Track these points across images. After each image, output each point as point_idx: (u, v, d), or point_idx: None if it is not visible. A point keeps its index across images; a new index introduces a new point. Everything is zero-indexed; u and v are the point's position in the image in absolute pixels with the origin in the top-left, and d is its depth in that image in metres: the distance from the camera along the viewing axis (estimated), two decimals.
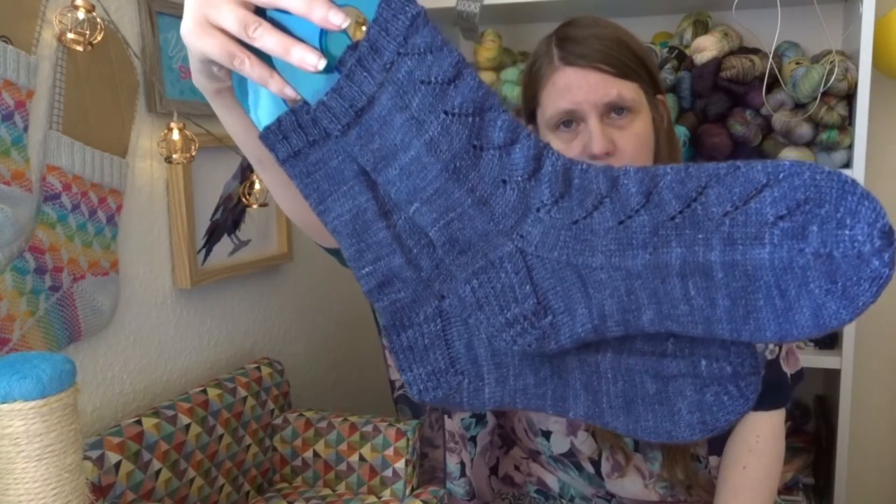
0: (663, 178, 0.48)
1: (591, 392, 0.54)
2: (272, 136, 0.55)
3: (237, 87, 0.58)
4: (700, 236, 0.46)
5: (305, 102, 0.54)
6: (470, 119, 0.50)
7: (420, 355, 0.56)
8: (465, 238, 0.52)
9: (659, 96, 1.00)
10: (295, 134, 0.54)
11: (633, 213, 0.48)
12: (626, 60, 0.94)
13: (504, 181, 0.50)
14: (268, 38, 0.53)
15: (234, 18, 0.53)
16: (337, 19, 0.51)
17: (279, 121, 0.54)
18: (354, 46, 0.51)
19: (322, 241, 0.78)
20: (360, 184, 0.54)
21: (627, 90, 0.93)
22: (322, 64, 0.51)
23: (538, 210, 0.50)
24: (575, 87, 0.93)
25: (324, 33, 0.53)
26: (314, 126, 0.54)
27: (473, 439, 1.06)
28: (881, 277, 0.42)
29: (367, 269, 0.55)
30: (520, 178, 0.50)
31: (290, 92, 0.54)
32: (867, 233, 0.42)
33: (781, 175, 0.44)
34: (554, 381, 0.55)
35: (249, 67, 0.54)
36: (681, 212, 0.47)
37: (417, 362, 0.57)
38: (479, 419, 1.07)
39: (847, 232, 0.42)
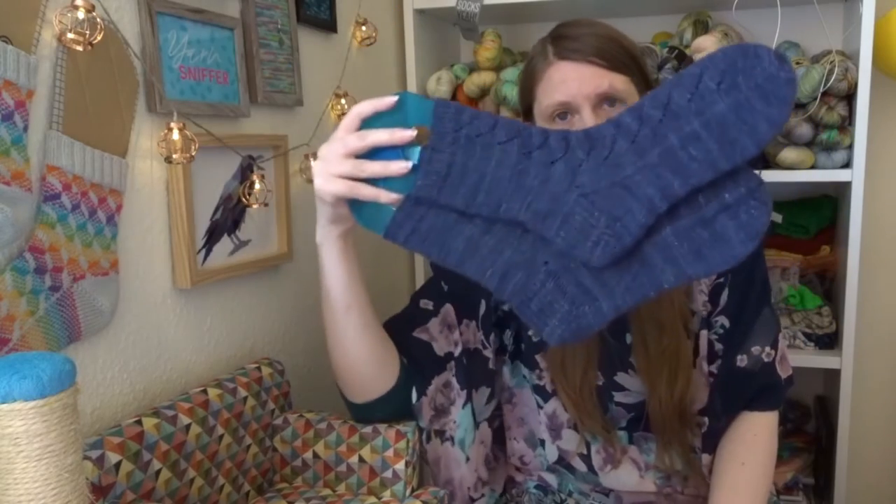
0: (644, 103, 0.71)
1: (670, 261, 0.72)
2: (393, 231, 0.79)
3: (358, 217, 0.83)
4: (681, 121, 0.68)
5: (406, 197, 0.78)
6: (515, 140, 0.75)
7: (548, 311, 0.76)
8: (544, 208, 0.74)
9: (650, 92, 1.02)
10: (406, 221, 0.79)
11: (637, 132, 0.70)
12: (618, 55, 0.98)
13: (552, 162, 0.74)
14: (372, 168, 0.80)
15: (348, 166, 0.80)
16: (409, 133, 0.79)
17: (393, 219, 0.79)
18: (426, 147, 0.77)
19: (351, 397, 1.01)
20: (460, 222, 0.77)
21: (619, 82, 0.97)
22: (409, 164, 0.78)
23: (580, 165, 0.73)
24: (569, 80, 0.96)
25: (404, 153, 0.79)
26: (416, 209, 0.78)
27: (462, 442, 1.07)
28: (791, 79, 0.65)
29: (489, 272, 0.77)
30: (560, 155, 0.73)
31: (393, 196, 0.79)
32: (770, 60, 0.65)
33: (707, 62, 0.68)
34: (644, 270, 0.73)
35: (366, 191, 0.80)
36: (663, 115, 0.69)
37: (549, 316, 0.76)
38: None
39: (759, 67, 0.65)
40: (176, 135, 0.96)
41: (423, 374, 1.03)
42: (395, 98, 0.80)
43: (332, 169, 0.81)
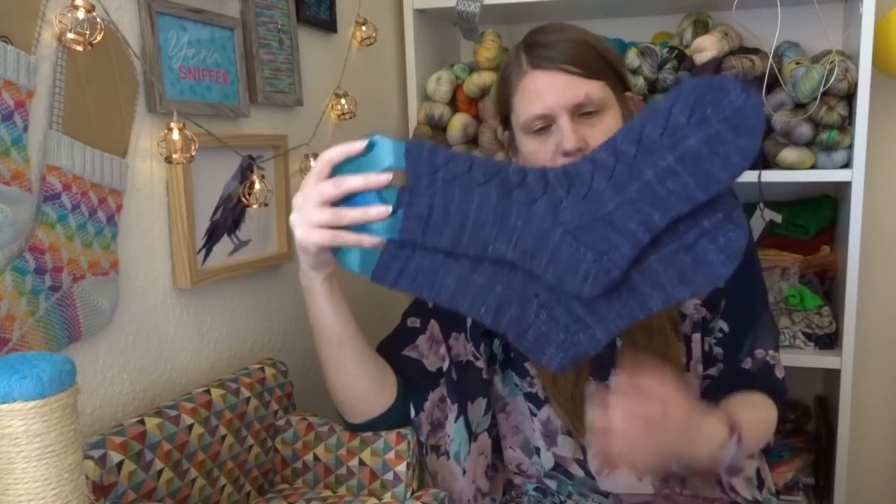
0: (618, 139, 0.73)
1: (657, 287, 0.74)
2: (380, 273, 0.79)
3: (342, 262, 0.84)
4: (655, 155, 0.70)
5: (390, 240, 0.78)
6: (493, 180, 0.75)
7: (544, 340, 0.77)
8: (530, 246, 0.74)
9: (627, 93, 1.03)
10: (393, 262, 0.79)
11: (612, 169, 0.72)
12: (592, 60, 0.98)
13: (533, 200, 0.74)
14: (351, 215, 0.79)
15: (327, 215, 0.80)
16: (384, 177, 0.78)
17: (379, 262, 0.79)
18: (403, 189, 0.77)
19: (351, 419, 1.01)
20: (448, 262, 0.77)
21: (594, 89, 0.97)
22: (389, 209, 0.78)
23: (561, 203, 0.74)
24: (544, 91, 0.96)
25: (380, 195, 0.79)
26: (401, 251, 0.78)
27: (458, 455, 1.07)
28: (758, 106, 0.68)
29: (483, 308, 0.78)
30: (540, 194, 0.74)
31: (376, 240, 0.79)
32: (736, 92, 0.68)
33: (675, 97, 0.70)
34: (633, 296, 0.75)
35: (349, 238, 0.80)
36: (637, 150, 0.71)
37: (546, 346, 0.78)
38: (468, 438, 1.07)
39: (727, 100, 0.68)
40: (176, 135, 0.96)
41: (418, 390, 1.03)
42: (365, 142, 0.79)
43: (311, 218, 0.80)
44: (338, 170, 0.81)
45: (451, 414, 1.05)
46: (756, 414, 1.01)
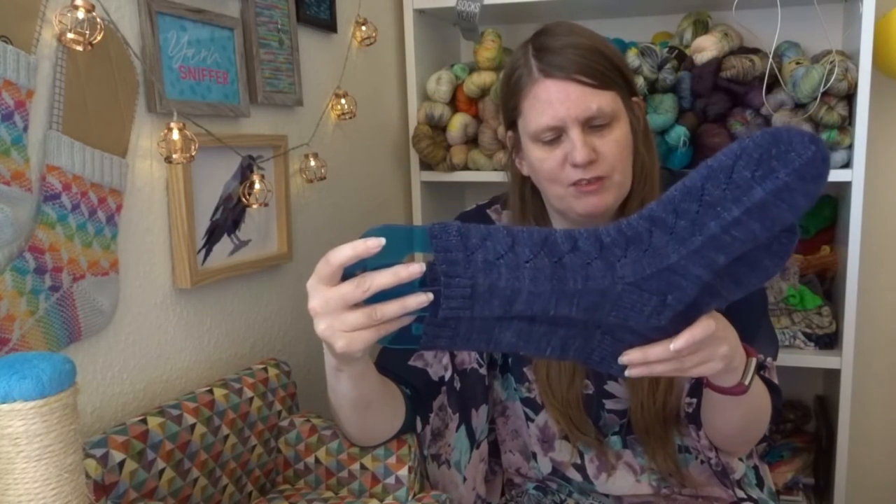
0: (676, 197, 0.71)
1: (714, 295, 0.76)
2: (429, 343, 0.76)
3: (381, 342, 0.77)
4: (719, 209, 0.69)
5: (433, 317, 0.73)
6: (541, 252, 0.72)
7: (610, 358, 0.80)
8: (591, 302, 0.74)
9: (634, 98, 1.02)
10: (442, 330, 0.75)
11: (674, 224, 0.72)
12: (603, 69, 0.96)
13: (588, 263, 0.73)
14: (389, 311, 0.72)
15: (362, 317, 0.72)
16: (417, 269, 0.70)
17: (426, 334, 0.75)
18: (432, 268, 0.71)
19: (363, 444, 1.00)
20: (502, 322, 0.75)
21: (606, 101, 0.96)
22: (430, 296, 0.71)
23: (619, 261, 0.73)
24: (556, 102, 0.95)
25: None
26: (447, 320, 0.74)
27: (459, 464, 1.07)
28: (826, 158, 0.67)
29: (549, 351, 0.78)
30: (596, 255, 0.73)
31: (413, 316, 0.74)
32: (804, 144, 0.66)
33: (738, 152, 0.69)
34: (692, 308, 0.77)
35: (389, 327, 0.74)
36: (699, 207, 0.70)
37: (612, 361, 0.80)
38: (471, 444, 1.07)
39: (794, 153, 0.67)
40: (176, 135, 0.96)
41: (424, 401, 1.02)
42: (380, 241, 0.70)
43: (346, 324, 0.73)
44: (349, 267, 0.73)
45: (452, 423, 1.04)
46: (762, 385, 0.99)
